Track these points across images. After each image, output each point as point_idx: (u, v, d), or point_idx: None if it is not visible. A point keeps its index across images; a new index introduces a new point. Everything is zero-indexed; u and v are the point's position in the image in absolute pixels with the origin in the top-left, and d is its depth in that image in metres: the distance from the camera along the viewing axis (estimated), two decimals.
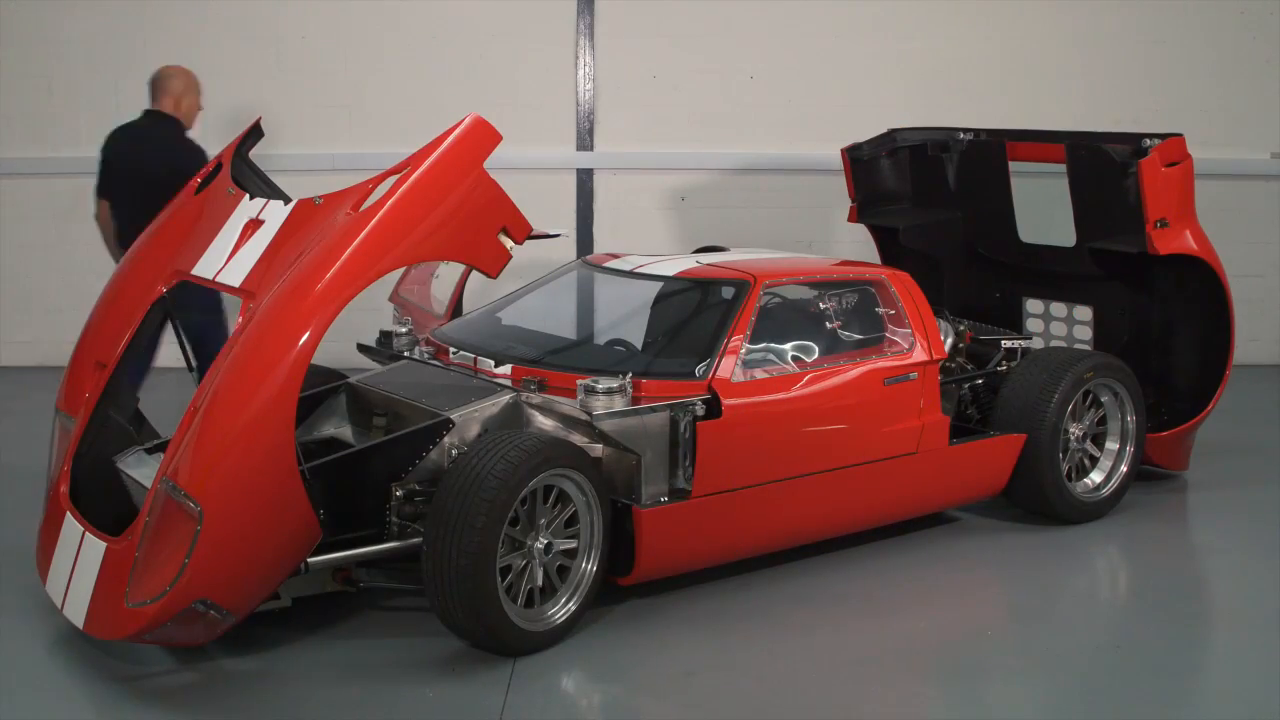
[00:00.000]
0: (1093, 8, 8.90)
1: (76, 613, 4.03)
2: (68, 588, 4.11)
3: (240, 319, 4.11)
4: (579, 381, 4.34)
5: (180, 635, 3.92)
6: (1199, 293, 5.83)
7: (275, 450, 3.84)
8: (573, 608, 4.24)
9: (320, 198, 4.36)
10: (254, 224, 4.47)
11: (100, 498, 4.43)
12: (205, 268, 4.49)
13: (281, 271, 4.14)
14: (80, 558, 4.10)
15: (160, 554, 3.83)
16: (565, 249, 8.73)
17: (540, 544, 4.14)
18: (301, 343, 3.88)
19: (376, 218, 4.08)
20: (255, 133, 4.92)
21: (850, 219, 6.93)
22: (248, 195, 4.61)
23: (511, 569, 4.09)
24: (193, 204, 4.82)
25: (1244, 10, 8.97)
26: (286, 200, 4.49)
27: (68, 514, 4.29)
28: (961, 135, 6.43)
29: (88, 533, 4.13)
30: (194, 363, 4.91)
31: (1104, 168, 5.65)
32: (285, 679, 3.99)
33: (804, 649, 4.28)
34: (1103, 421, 5.60)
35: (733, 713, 3.86)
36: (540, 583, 4.18)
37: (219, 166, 4.84)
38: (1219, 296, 5.76)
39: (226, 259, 4.43)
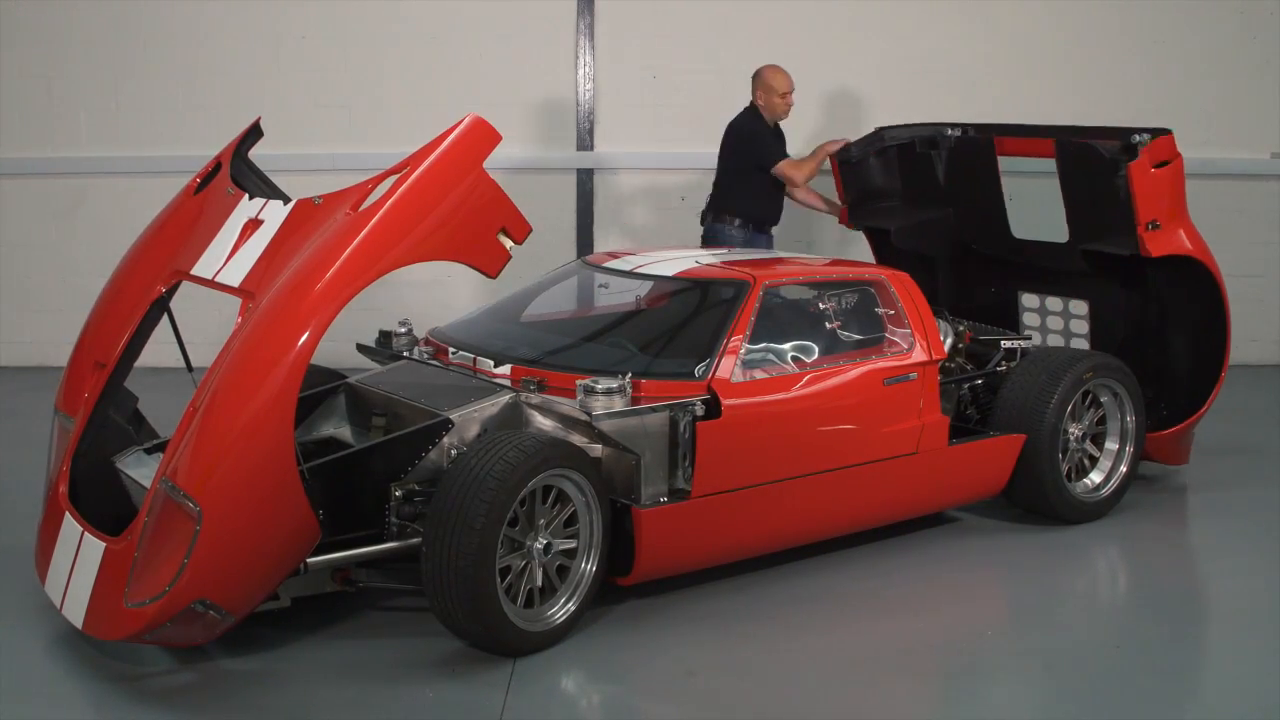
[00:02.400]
0: (1092, 7, 8.89)
1: (76, 613, 4.03)
2: (67, 588, 4.11)
3: (240, 319, 4.10)
4: (578, 382, 4.34)
5: (180, 635, 3.92)
6: (1194, 290, 5.82)
7: (274, 450, 3.84)
8: (572, 608, 4.24)
9: (320, 198, 4.36)
10: (253, 224, 4.47)
11: (100, 498, 4.43)
12: (204, 268, 4.49)
13: (281, 271, 4.14)
14: (79, 558, 4.09)
15: (159, 554, 3.83)
16: (565, 249, 8.73)
17: (539, 544, 4.14)
18: (301, 343, 3.87)
19: (376, 218, 4.08)
20: (255, 133, 4.91)
21: (841, 220, 6.93)
22: (247, 195, 4.61)
23: (511, 569, 4.09)
24: (192, 204, 4.82)
25: (1244, 10, 8.96)
26: (286, 200, 4.49)
27: (66, 514, 4.29)
28: (949, 131, 6.43)
29: (87, 533, 4.13)
30: (192, 363, 4.90)
31: (1093, 165, 5.64)
32: (285, 679, 3.98)
33: (804, 649, 4.28)
34: (1102, 421, 5.60)
35: (733, 713, 3.86)
36: (540, 583, 4.18)
37: (218, 166, 4.84)
38: (1215, 293, 5.76)
39: (226, 259, 4.43)
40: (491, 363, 4.74)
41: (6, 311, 8.75)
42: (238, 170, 4.78)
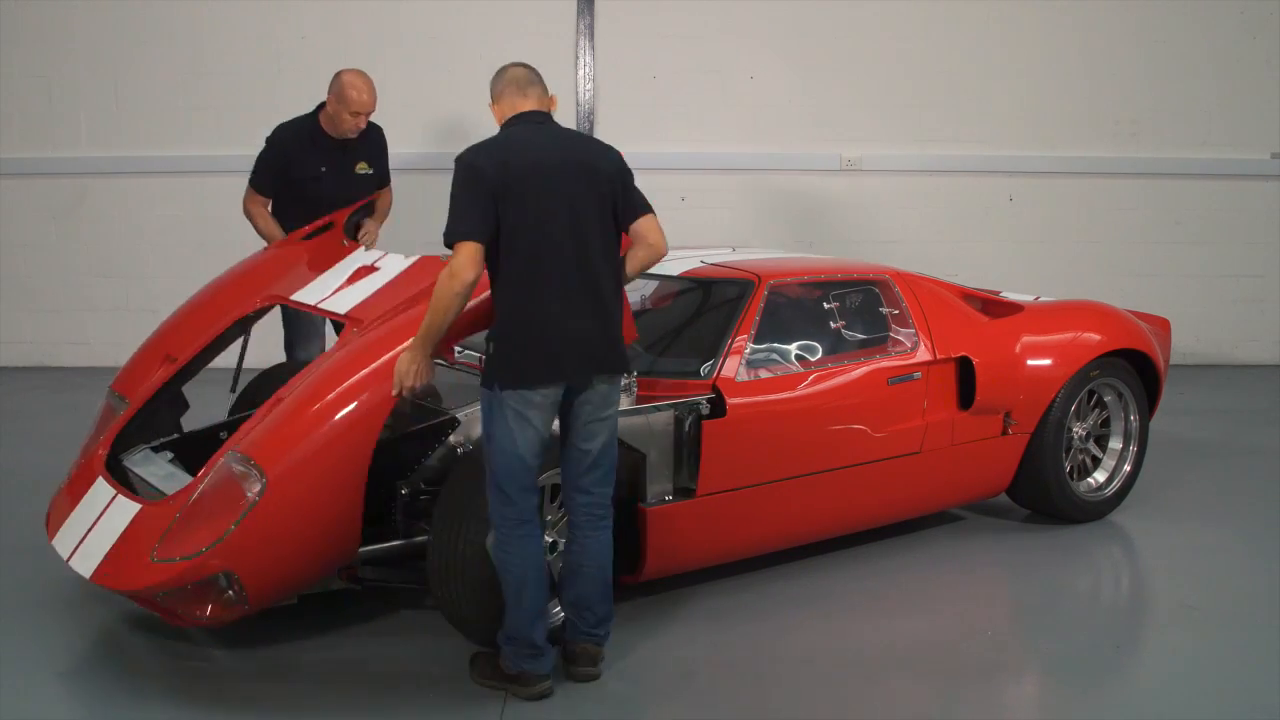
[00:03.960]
0: (1093, 8, 8.91)
1: (86, 563, 4.01)
2: (82, 541, 4.10)
3: (343, 337, 4.19)
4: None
5: (188, 607, 3.87)
6: None
7: (352, 455, 3.86)
8: None
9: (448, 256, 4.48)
10: (367, 269, 4.60)
11: (119, 480, 4.44)
12: (307, 296, 4.61)
13: (395, 310, 4.22)
14: (106, 515, 4.10)
15: (203, 518, 3.83)
16: None
17: (546, 542, 4.14)
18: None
19: None
20: (368, 207, 5.30)
21: None
22: (364, 248, 4.78)
23: None
24: (298, 247, 5.01)
25: (1244, 10, 8.99)
26: (408, 257, 4.63)
27: (100, 479, 4.31)
28: None
29: (121, 495, 4.15)
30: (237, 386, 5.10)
31: None
32: (287, 679, 3.98)
33: (805, 649, 4.27)
34: (1106, 422, 5.61)
35: (733, 712, 3.86)
36: None
37: (329, 225, 5.05)
38: None
39: (332, 292, 4.55)
40: None
41: (6, 311, 8.75)
42: (351, 230, 5.03)
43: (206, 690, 3.91)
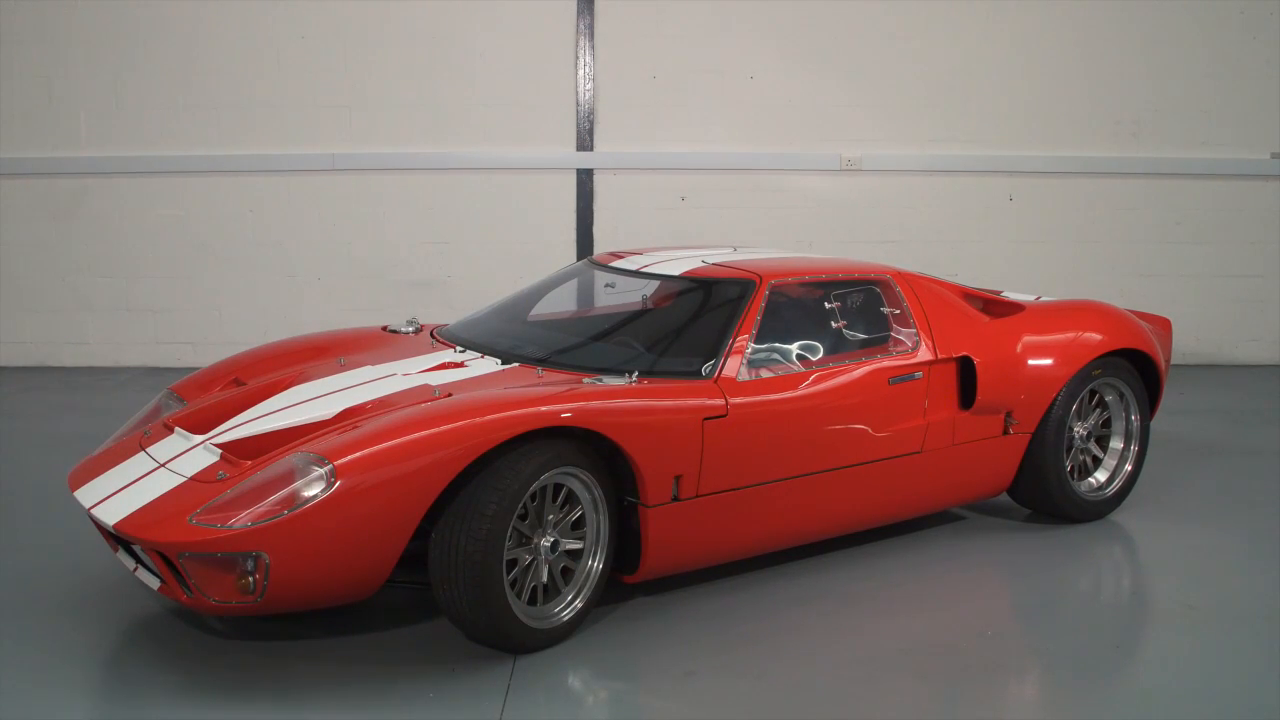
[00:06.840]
0: (1093, 8, 8.92)
1: (113, 513, 4.00)
2: (112, 495, 4.09)
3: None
4: (584, 380, 4.34)
5: (205, 581, 3.83)
6: None
7: (417, 497, 3.87)
8: (579, 605, 4.24)
9: (543, 369, 4.61)
10: (452, 364, 4.70)
11: None
12: (392, 369, 4.68)
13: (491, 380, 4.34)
14: (147, 479, 4.11)
15: (256, 499, 3.82)
16: (565, 249, 8.74)
17: (546, 542, 4.14)
18: (495, 435, 3.93)
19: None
20: None
21: None
22: (455, 349, 4.91)
23: (517, 564, 4.09)
24: (380, 334, 5.28)
25: (1244, 10, 9.00)
26: (503, 360, 4.74)
27: (143, 452, 4.33)
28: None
29: (164, 468, 4.16)
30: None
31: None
32: (285, 678, 3.97)
33: (806, 648, 4.27)
34: (1107, 422, 5.61)
35: (733, 712, 3.85)
36: (545, 580, 4.18)
37: (419, 329, 5.37)
38: None
39: (417, 371, 4.63)
40: (498, 361, 4.74)
41: (6, 311, 8.75)
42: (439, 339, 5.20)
43: (203, 690, 3.89)
